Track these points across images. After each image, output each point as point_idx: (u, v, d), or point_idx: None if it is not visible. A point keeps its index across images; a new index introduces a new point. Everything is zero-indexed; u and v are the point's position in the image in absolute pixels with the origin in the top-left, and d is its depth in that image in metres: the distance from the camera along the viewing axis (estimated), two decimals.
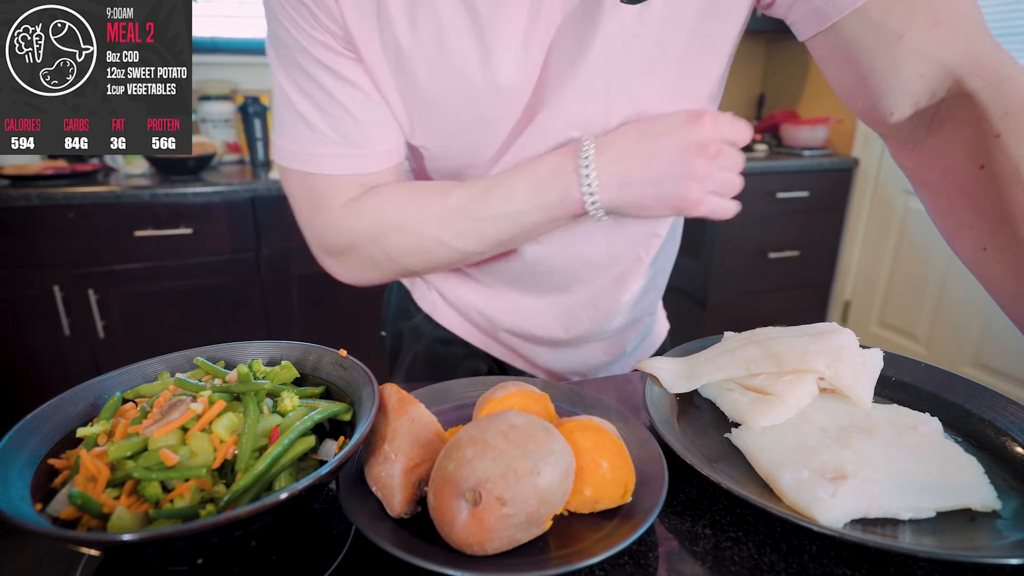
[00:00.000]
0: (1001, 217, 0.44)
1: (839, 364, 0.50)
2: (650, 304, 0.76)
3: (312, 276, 1.90)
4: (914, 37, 0.47)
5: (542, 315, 0.70)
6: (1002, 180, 0.44)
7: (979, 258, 0.47)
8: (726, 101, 2.94)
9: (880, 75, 0.49)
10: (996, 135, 0.44)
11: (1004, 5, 2.03)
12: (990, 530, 0.38)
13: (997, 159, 0.44)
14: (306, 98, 0.54)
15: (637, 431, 0.47)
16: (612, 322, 0.72)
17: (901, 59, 0.48)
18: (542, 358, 0.76)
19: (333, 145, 0.55)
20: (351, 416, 0.42)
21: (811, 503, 0.38)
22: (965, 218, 0.47)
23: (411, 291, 0.78)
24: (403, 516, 0.39)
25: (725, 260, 2.38)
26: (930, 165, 0.51)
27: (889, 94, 0.50)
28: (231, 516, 0.30)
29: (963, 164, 0.47)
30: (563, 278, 0.67)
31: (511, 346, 0.75)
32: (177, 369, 0.46)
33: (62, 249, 1.65)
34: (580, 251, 0.64)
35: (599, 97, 0.53)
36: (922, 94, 0.49)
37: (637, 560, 0.38)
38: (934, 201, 0.51)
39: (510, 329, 0.72)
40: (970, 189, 0.46)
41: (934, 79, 0.48)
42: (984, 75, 0.46)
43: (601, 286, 0.68)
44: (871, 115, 0.53)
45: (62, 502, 0.34)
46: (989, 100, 0.45)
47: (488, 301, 0.71)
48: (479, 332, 0.75)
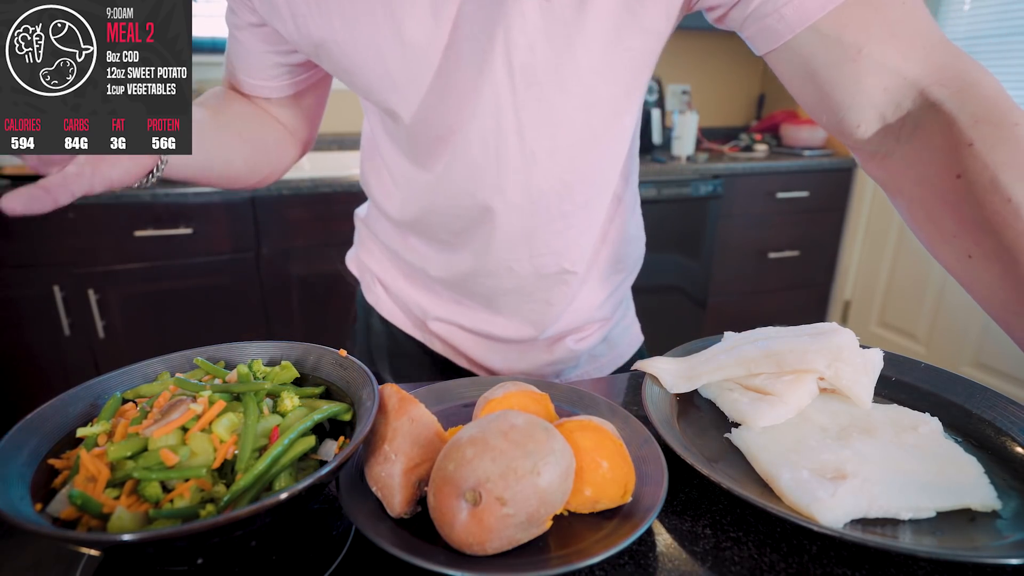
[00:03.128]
0: (983, 225, 0.43)
1: (839, 364, 0.50)
2: (592, 312, 0.73)
3: (312, 276, 1.90)
4: (873, 50, 0.46)
5: (474, 315, 0.71)
6: (980, 189, 0.43)
7: (965, 266, 0.46)
8: (726, 101, 2.94)
9: (842, 90, 0.49)
10: (969, 144, 0.44)
11: (1004, 5, 2.03)
12: (990, 530, 0.38)
13: (973, 168, 0.43)
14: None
15: (637, 431, 0.47)
16: (548, 329, 0.71)
17: (863, 73, 0.47)
18: (482, 354, 0.74)
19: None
20: (351, 416, 0.42)
21: (811, 503, 0.38)
22: (947, 226, 0.47)
23: (360, 283, 0.80)
24: (403, 516, 0.39)
25: (725, 260, 2.38)
26: (903, 174, 0.50)
27: (853, 108, 0.49)
28: (231, 516, 0.30)
29: (938, 174, 0.46)
30: (491, 295, 0.68)
31: (446, 338, 0.74)
32: (177, 369, 0.46)
33: (62, 249, 1.65)
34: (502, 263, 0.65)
35: (505, 97, 0.53)
36: (887, 106, 0.49)
37: (637, 560, 0.38)
38: (911, 211, 0.51)
39: (442, 318, 0.72)
40: (948, 198, 0.46)
41: (898, 91, 0.48)
42: (948, 83, 0.46)
43: (527, 300, 0.68)
44: (837, 128, 0.52)
45: (62, 502, 0.34)
46: (957, 108, 0.45)
47: (424, 295, 0.73)
48: (414, 324, 0.76)
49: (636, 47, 0.53)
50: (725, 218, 2.30)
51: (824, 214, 2.49)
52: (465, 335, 0.73)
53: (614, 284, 0.75)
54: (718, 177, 2.21)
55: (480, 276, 0.66)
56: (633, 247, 0.75)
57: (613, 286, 0.75)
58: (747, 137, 2.62)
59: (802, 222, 2.44)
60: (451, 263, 0.67)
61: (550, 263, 0.65)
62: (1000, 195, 0.42)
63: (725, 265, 2.39)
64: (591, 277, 0.71)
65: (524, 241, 0.63)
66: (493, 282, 0.67)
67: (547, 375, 0.76)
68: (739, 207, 2.31)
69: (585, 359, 0.78)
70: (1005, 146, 0.43)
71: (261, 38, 0.59)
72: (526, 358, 0.74)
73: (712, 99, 2.78)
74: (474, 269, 0.66)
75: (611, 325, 0.78)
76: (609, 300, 0.75)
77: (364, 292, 0.80)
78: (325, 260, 1.89)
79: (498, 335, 0.71)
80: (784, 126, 2.56)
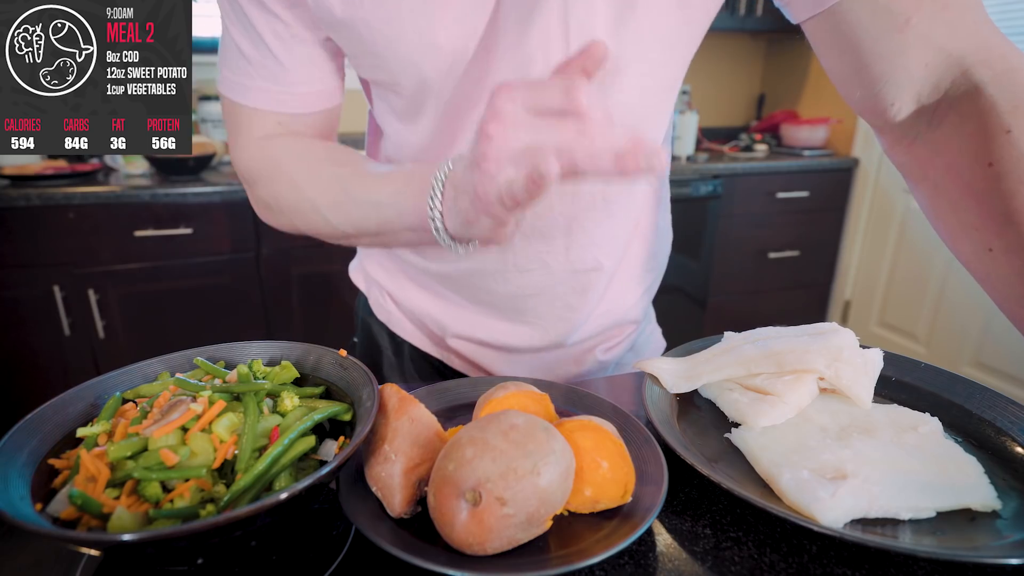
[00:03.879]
0: (1009, 217, 0.42)
1: (839, 364, 0.50)
2: (624, 313, 0.71)
3: (312, 276, 1.91)
4: (922, 22, 0.44)
5: (495, 325, 0.67)
6: (1013, 179, 0.41)
7: (984, 259, 0.45)
8: (727, 101, 2.94)
9: (884, 61, 0.46)
10: (1007, 131, 0.42)
11: (1004, 5, 2.03)
12: (990, 530, 0.38)
13: (1008, 156, 0.42)
14: (240, 29, 0.52)
15: (637, 431, 0.47)
16: (574, 334, 0.67)
17: (907, 45, 0.45)
18: (504, 369, 0.70)
19: (257, 78, 0.54)
20: (351, 416, 0.42)
21: (811, 503, 0.38)
22: (969, 218, 0.45)
23: (368, 298, 0.75)
24: (403, 516, 0.39)
25: (725, 260, 2.38)
26: (930, 161, 0.48)
27: (891, 83, 0.47)
28: (231, 516, 0.30)
29: (969, 161, 0.44)
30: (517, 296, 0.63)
31: (466, 355, 0.70)
32: (177, 369, 0.46)
33: (62, 249, 1.65)
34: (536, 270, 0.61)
35: (556, 57, 0.47)
36: (925, 83, 0.47)
37: (637, 560, 0.38)
38: (934, 200, 0.49)
39: (461, 335, 0.68)
40: (976, 187, 0.44)
41: (939, 68, 0.46)
42: (992, 65, 0.44)
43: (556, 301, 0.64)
44: (869, 105, 0.50)
45: (62, 502, 0.34)
46: (997, 93, 0.43)
47: (441, 308, 0.68)
48: (432, 342, 0.72)
49: (696, 9, 0.50)
50: (725, 218, 2.30)
51: (824, 214, 2.49)
52: (486, 351, 0.69)
53: (647, 283, 0.72)
54: (718, 177, 2.21)
55: (509, 272, 0.61)
56: (663, 242, 0.73)
57: (646, 285, 0.72)
58: (747, 137, 2.62)
59: (802, 222, 2.45)
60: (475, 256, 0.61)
61: (587, 256, 0.61)
62: None
63: (725, 265, 2.39)
64: (622, 273, 0.68)
65: (563, 231, 0.59)
66: (522, 280, 0.62)
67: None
68: (739, 207, 2.31)
69: (612, 370, 0.75)
70: None
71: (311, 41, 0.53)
72: (552, 371, 0.70)
73: (712, 99, 2.78)
74: (503, 263, 0.61)
75: (639, 330, 0.75)
76: (641, 300, 0.72)
77: (373, 308, 0.74)
78: (325, 260, 1.89)
79: (522, 347, 0.67)
80: (784, 126, 2.56)
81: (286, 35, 0.51)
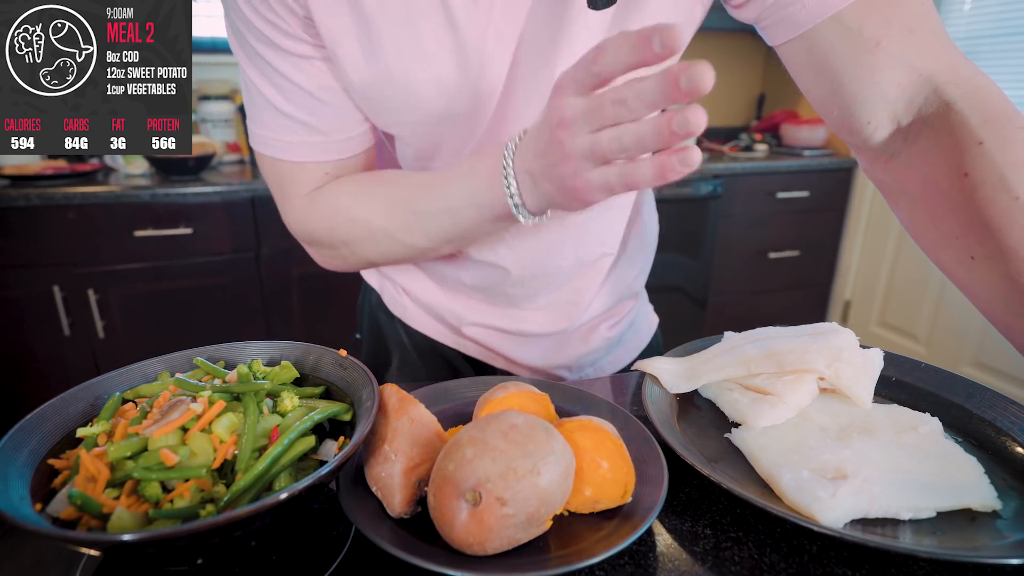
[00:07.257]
0: (988, 225, 0.44)
1: (839, 364, 0.50)
2: (625, 289, 0.75)
3: (312, 276, 1.90)
4: (891, 44, 0.47)
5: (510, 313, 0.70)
6: (987, 187, 0.43)
7: (967, 268, 0.46)
8: (726, 101, 2.94)
9: (857, 82, 0.48)
10: (979, 142, 0.44)
11: (1004, 5, 2.03)
12: (990, 530, 0.38)
13: (981, 166, 0.44)
14: (270, 84, 0.52)
15: (637, 431, 0.47)
16: (583, 315, 0.71)
17: (879, 66, 0.47)
18: (517, 353, 0.73)
19: (297, 132, 0.54)
20: (351, 416, 0.42)
21: (811, 503, 0.38)
22: (950, 228, 0.47)
23: (381, 295, 0.76)
24: (403, 516, 0.39)
25: (725, 260, 2.38)
26: (908, 175, 0.50)
27: (866, 102, 0.49)
28: (231, 516, 0.30)
29: (945, 173, 0.46)
30: (532, 287, 0.66)
31: (482, 341, 0.73)
32: (177, 369, 0.46)
33: (62, 249, 1.65)
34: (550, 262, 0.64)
35: None
36: (899, 102, 0.49)
37: (637, 560, 0.38)
38: (913, 213, 0.51)
39: (476, 322, 0.71)
40: (953, 198, 0.46)
41: (911, 87, 0.48)
42: (960, 84, 0.47)
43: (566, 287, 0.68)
44: (847, 125, 0.52)
45: (62, 502, 0.34)
46: (967, 109, 0.45)
47: (460, 302, 0.71)
48: (449, 331, 0.74)
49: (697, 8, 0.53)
50: (725, 218, 2.30)
51: (824, 214, 2.49)
52: (500, 336, 0.72)
53: (643, 261, 0.76)
54: (718, 177, 2.21)
55: (525, 277, 0.65)
56: (652, 226, 0.77)
57: (642, 262, 0.76)
58: (747, 137, 2.62)
59: (802, 222, 2.44)
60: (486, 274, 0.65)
61: (594, 251, 0.66)
62: (1008, 193, 0.42)
63: (725, 265, 2.39)
64: (623, 255, 0.72)
65: (573, 234, 0.62)
66: (536, 282, 0.66)
67: (583, 366, 0.76)
68: (739, 207, 2.31)
69: (616, 344, 0.78)
70: (1014, 146, 0.43)
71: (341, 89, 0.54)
72: (563, 352, 0.73)
73: (712, 99, 2.78)
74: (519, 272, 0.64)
75: (638, 304, 0.79)
76: (639, 276, 0.77)
77: (387, 303, 0.75)
78: None
79: (536, 332, 0.70)
80: (784, 126, 2.56)
81: (323, 86, 0.52)
